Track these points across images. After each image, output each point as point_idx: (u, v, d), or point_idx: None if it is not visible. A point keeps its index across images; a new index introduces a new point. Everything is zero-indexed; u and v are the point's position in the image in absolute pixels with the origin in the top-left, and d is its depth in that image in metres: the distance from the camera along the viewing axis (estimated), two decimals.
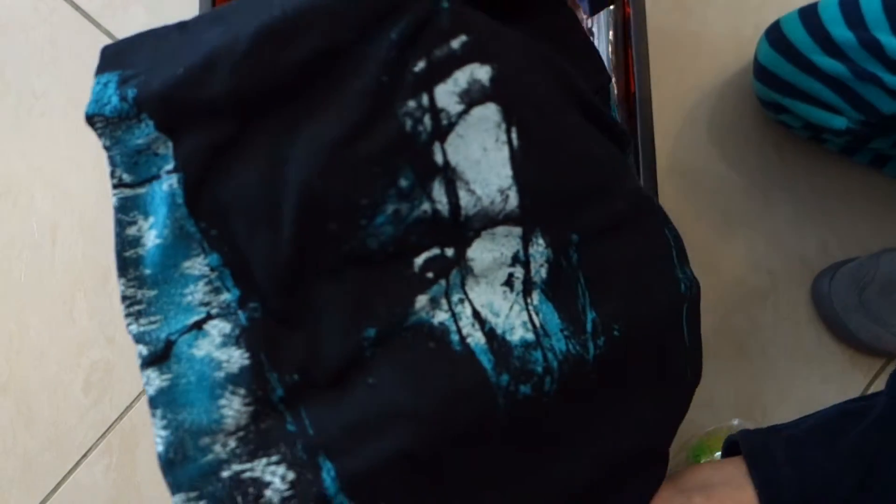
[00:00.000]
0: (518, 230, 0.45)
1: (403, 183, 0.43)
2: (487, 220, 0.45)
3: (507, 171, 0.44)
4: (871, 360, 0.85)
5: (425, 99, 0.43)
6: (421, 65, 0.42)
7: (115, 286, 0.88)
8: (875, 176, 0.89)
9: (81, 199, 0.90)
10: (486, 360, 0.44)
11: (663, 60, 0.90)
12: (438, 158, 0.44)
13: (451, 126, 0.44)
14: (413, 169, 0.43)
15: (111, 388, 0.86)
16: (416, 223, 0.44)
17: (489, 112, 0.44)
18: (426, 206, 0.44)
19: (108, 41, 0.93)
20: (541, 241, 0.46)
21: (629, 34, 0.77)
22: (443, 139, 0.44)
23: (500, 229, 0.45)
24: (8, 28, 0.94)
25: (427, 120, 0.43)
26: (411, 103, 0.43)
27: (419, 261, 0.45)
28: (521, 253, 0.46)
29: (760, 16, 0.92)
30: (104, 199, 0.90)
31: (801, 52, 0.76)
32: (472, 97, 0.43)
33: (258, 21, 0.42)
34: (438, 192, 0.44)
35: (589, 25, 0.82)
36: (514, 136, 0.44)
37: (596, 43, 0.81)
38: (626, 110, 0.78)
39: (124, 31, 0.93)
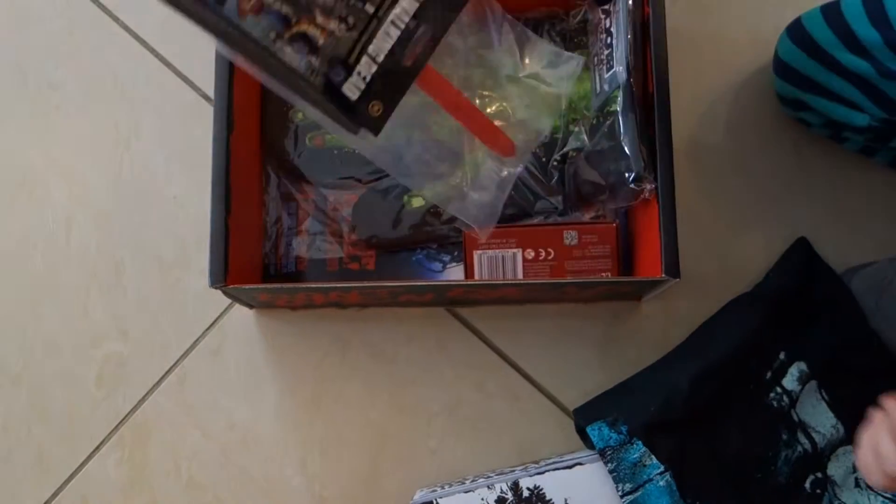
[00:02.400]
0: (849, 448, 0.75)
1: (784, 436, 0.75)
2: (831, 447, 0.75)
3: (830, 415, 0.76)
4: None
5: (779, 389, 0.77)
6: (769, 373, 0.77)
7: (129, 279, 0.88)
8: (895, 177, 0.88)
9: (97, 191, 0.90)
10: None
11: (682, 61, 0.89)
12: (795, 418, 0.76)
13: (797, 398, 0.76)
14: (786, 427, 0.76)
15: (124, 382, 0.86)
16: (798, 461, 0.75)
17: (812, 385, 0.77)
18: (799, 448, 0.75)
19: (125, 34, 0.93)
20: None
21: (648, 34, 0.76)
22: (794, 406, 0.76)
23: (840, 450, 0.76)
24: (25, 20, 0.94)
25: (784, 399, 0.76)
26: (772, 394, 0.77)
27: (807, 484, 0.75)
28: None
29: (780, 17, 0.91)
30: (119, 192, 0.90)
31: (823, 49, 0.75)
32: (803, 379, 0.77)
33: (688, 375, 0.75)
34: (802, 437, 0.75)
35: (608, 26, 0.81)
36: (824, 394, 0.77)
37: (614, 43, 0.80)
38: (645, 110, 0.78)
39: (141, 24, 0.93)
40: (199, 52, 0.92)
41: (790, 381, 0.77)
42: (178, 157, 0.90)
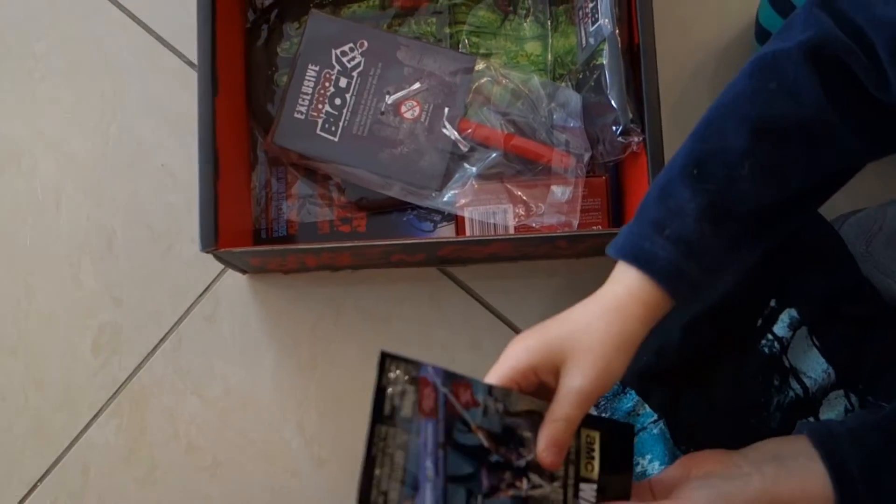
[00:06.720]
0: (841, 392, 0.71)
1: (776, 382, 0.71)
2: (823, 392, 0.71)
3: (822, 360, 0.71)
4: None
5: (770, 336, 0.72)
6: (760, 320, 0.72)
7: (120, 248, 0.88)
8: None
9: (85, 161, 0.90)
10: None
11: (666, 12, 0.88)
12: (787, 364, 0.72)
13: (788, 344, 0.72)
14: (777, 373, 0.71)
15: (120, 350, 0.87)
16: (790, 406, 0.71)
17: (803, 331, 0.72)
18: (791, 393, 0.71)
19: (106, 2, 0.92)
20: (853, 396, 0.71)
21: None
22: (785, 352, 0.72)
23: (832, 394, 0.72)
24: None
25: (776, 345, 0.72)
26: (763, 341, 0.71)
27: None
28: (848, 405, 0.71)
29: None
30: (107, 162, 0.89)
31: None
32: (794, 326, 0.71)
33: (680, 323, 0.70)
34: (794, 383, 0.71)
35: None
36: (815, 340, 0.71)
37: None
38: (631, 62, 0.77)
39: None
40: (180, 18, 0.91)
41: (781, 328, 0.77)
42: (165, 124, 0.90)
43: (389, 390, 0.49)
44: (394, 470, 0.49)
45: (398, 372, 0.50)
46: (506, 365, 0.54)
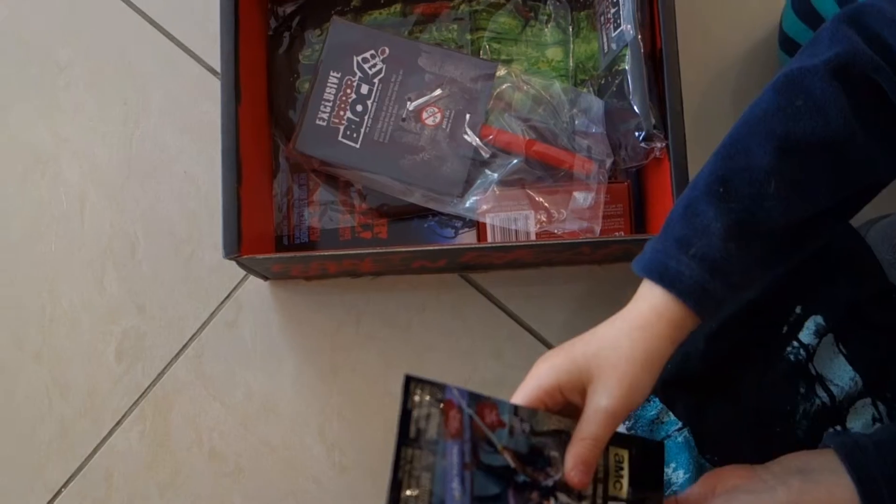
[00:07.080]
0: (868, 400, 0.69)
1: (802, 389, 0.69)
2: (850, 400, 0.69)
3: (849, 368, 0.70)
4: None
5: (795, 343, 0.70)
6: (785, 327, 0.71)
7: (143, 255, 0.88)
8: None
9: (108, 168, 0.90)
10: None
11: (689, 17, 0.88)
12: (813, 371, 0.70)
13: (814, 351, 0.70)
14: (804, 380, 0.69)
15: (143, 356, 0.87)
16: (816, 414, 0.69)
17: (829, 339, 0.70)
18: (817, 401, 0.69)
19: (128, 9, 0.93)
20: (880, 405, 0.69)
21: None
22: (811, 359, 0.70)
23: (859, 403, 0.70)
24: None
25: (801, 352, 0.70)
26: (789, 348, 0.70)
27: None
28: (876, 413, 0.70)
29: None
30: (131, 169, 0.90)
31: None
32: (820, 333, 0.70)
33: (705, 331, 0.69)
34: (820, 391, 0.70)
35: None
36: (842, 347, 0.70)
37: (621, 1, 0.79)
38: (652, 66, 0.77)
39: (143, 0, 0.93)
40: (203, 26, 0.91)
41: (807, 335, 0.77)
42: (187, 131, 0.90)
43: (415, 413, 0.49)
44: (420, 492, 0.48)
45: (423, 395, 0.50)
46: (532, 384, 0.54)
